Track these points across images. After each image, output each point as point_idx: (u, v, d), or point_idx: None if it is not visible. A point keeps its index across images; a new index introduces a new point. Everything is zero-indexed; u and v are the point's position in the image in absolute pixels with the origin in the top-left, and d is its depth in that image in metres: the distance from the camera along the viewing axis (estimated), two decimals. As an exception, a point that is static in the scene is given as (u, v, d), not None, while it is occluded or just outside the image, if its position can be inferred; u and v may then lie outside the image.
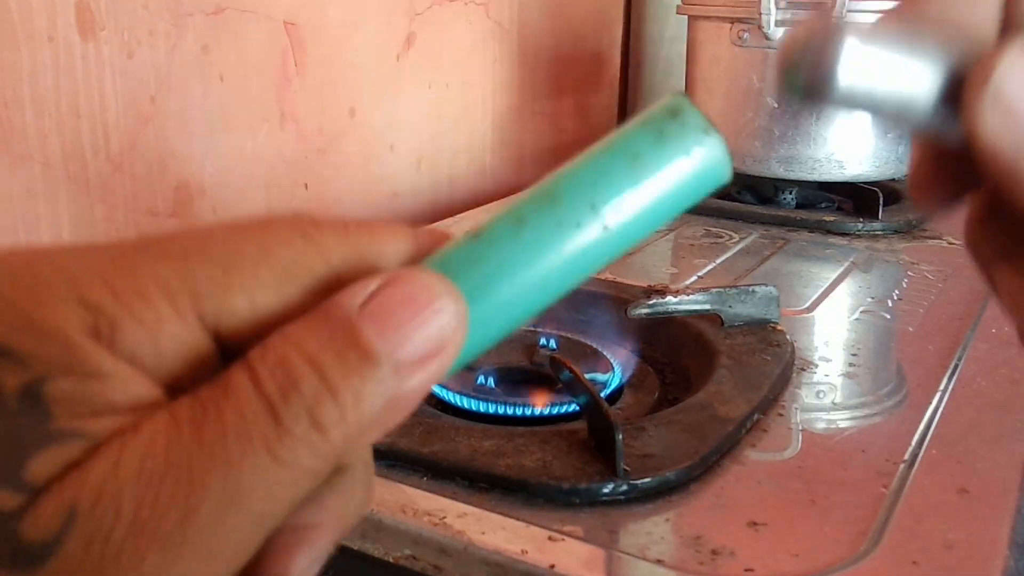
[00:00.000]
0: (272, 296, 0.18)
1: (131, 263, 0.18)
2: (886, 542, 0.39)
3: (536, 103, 1.17)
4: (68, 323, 0.17)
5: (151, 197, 0.69)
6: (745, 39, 0.90)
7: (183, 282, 0.18)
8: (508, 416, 0.49)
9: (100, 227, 0.66)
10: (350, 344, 0.17)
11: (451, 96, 1.01)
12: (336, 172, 0.86)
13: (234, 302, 0.18)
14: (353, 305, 0.18)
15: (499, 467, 0.42)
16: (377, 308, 0.18)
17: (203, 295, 0.18)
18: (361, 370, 0.17)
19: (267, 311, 0.18)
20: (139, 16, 0.65)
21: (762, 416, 0.50)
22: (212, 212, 0.74)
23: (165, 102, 0.68)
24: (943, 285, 0.74)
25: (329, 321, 0.18)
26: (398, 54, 0.91)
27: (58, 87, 0.61)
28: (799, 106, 0.21)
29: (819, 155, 0.90)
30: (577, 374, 0.46)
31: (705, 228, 0.88)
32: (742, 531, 0.40)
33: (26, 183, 0.60)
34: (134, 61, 0.66)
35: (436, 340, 0.18)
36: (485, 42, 1.05)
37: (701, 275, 0.74)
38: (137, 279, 0.18)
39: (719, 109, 0.95)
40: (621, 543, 0.39)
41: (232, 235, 0.19)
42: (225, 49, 0.73)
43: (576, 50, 1.23)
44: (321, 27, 0.81)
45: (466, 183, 1.06)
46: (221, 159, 0.74)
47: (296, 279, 0.19)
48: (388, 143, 0.92)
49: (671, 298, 0.58)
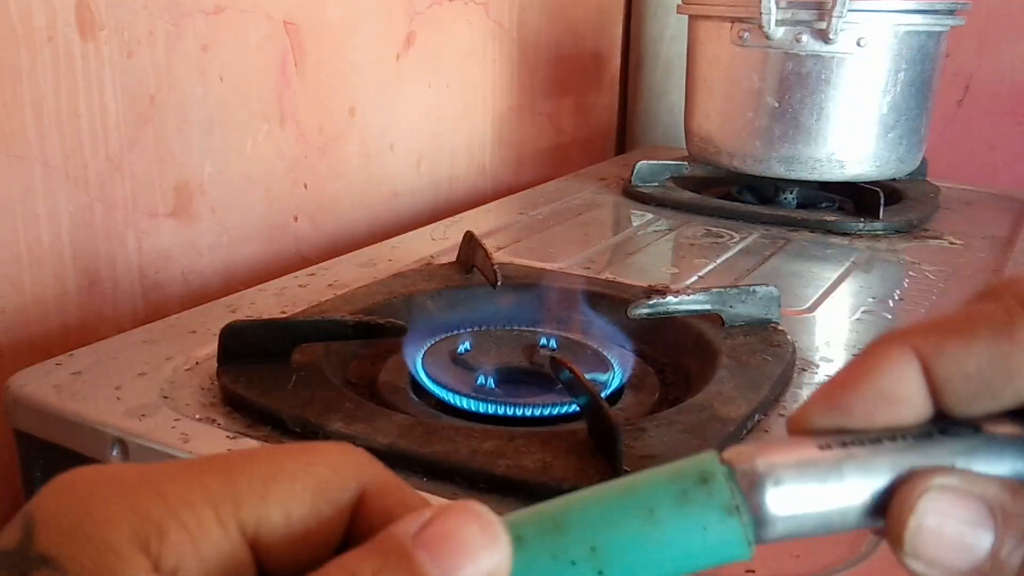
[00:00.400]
0: (307, 509, 0.20)
1: (180, 475, 0.19)
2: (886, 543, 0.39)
3: (536, 103, 1.16)
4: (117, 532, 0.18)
5: (151, 197, 0.69)
6: (745, 39, 0.90)
7: (226, 490, 0.19)
8: (508, 416, 0.49)
9: (100, 227, 0.66)
10: (404, 569, 0.18)
11: (451, 96, 1.01)
12: (336, 172, 0.86)
13: (271, 513, 0.19)
14: (408, 533, 0.19)
15: (499, 468, 0.42)
16: (431, 537, 0.18)
17: (244, 504, 0.19)
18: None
19: (302, 525, 0.20)
20: (139, 16, 0.65)
21: (763, 417, 0.50)
22: (212, 212, 0.74)
23: (165, 102, 0.68)
24: (944, 285, 0.74)
25: (385, 548, 0.19)
26: (398, 54, 0.91)
27: (58, 87, 0.61)
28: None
29: (820, 155, 0.90)
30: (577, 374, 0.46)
31: (705, 228, 0.88)
32: (742, 532, 0.40)
33: (26, 183, 0.60)
34: (134, 61, 0.66)
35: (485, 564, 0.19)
36: (485, 42, 1.05)
37: (701, 275, 0.74)
38: (185, 487, 0.19)
39: (719, 109, 0.95)
40: (621, 544, 0.39)
41: (276, 452, 0.20)
42: (225, 49, 0.72)
43: (576, 50, 1.23)
44: (321, 27, 0.81)
45: (466, 183, 1.06)
46: (221, 159, 0.74)
47: (331, 496, 0.20)
48: (388, 143, 0.92)
49: (671, 298, 0.58)
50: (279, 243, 0.81)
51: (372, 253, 0.77)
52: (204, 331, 0.58)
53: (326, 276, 0.70)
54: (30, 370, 0.52)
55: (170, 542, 0.18)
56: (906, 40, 0.87)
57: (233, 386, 0.49)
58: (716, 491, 0.20)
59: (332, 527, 0.20)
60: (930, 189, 1.01)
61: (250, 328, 0.51)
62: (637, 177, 0.99)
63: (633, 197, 0.98)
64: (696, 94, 0.99)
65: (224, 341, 0.51)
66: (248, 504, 0.19)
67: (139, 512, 0.18)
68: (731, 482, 0.20)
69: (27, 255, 0.61)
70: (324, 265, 0.73)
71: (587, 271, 0.73)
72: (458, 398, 0.50)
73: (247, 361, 0.50)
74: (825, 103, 0.88)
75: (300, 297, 0.65)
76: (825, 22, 0.84)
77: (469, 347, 0.56)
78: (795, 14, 0.86)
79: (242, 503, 0.19)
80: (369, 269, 0.72)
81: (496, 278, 0.61)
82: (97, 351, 0.55)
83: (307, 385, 0.49)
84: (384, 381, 0.53)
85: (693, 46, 0.99)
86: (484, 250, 0.64)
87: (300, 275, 0.71)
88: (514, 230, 0.85)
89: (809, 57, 0.87)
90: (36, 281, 0.62)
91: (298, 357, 0.51)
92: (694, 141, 1.00)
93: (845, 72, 0.87)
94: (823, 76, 0.87)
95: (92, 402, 0.49)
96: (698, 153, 1.00)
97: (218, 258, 0.76)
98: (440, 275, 0.67)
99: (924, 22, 0.87)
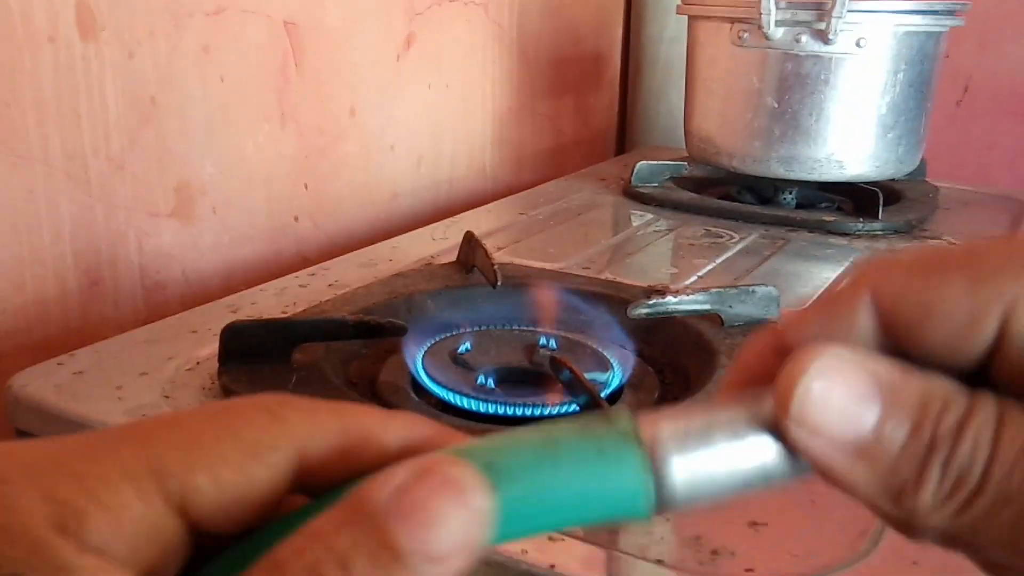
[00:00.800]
0: (236, 474, 0.19)
1: (95, 451, 0.19)
2: (886, 542, 0.39)
3: (536, 103, 1.17)
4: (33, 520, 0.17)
5: (151, 197, 0.69)
6: (745, 39, 0.90)
7: (146, 464, 0.18)
8: (508, 416, 0.49)
9: (100, 227, 0.66)
10: (381, 544, 0.17)
11: (451, 96, 1.01)
12: (336, 172, 0.86)
13: (198, 481, 0.19)
14: (381, 500, 0.18)
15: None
16: (408, 505, 0.18)
17: (166, 475, 0.18)
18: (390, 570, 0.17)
19: (233, 489, 0.19)
20: (139, 16, 0.65)
21: (762, 416, 0.50)
22: (212, 212, 0.74)
23: (165, 102, 0.69)
24: (943, 285, 0.74)
25: (358, 518, 0.18)
26: (398, 54, 0.91)
27: (58, 87, 0.61)
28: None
29: (819, 155, 0.90)
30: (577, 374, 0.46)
31: (705, 228, 0.88)
32: (742, 531, 0.40)
33: (26, 183, 0.60)
34: (134, 61, 0.66)
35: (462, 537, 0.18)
36: (485, 42, 1.05)
37: (701, 275, 0.74)
38: (100, 466, 0.18)
39: (719, 109, 0.95)
40: (621, 543, 0.39)
41: (196, 417, 0.20)
42: (225, 49, 0.73)
43: (576, 50, 1.23)
44: (321, 27, 0.81)
45: (466, 183, 1.06)
46: (221, 159, 0.74)
47: (260, 457, 0.19)
48: (388, 143, 0.92)
49: (671, 298, 0.58)
50: (280, 243, 0.82)
51: (372, 253, 0.77)
52: (205, 331, 0.58)
53: (327, 276, 0.70)
54: (31, 370, 0.52)
55: (91, 524, 0.18)
56: (905, 40, 0.87)
57: (234, 386, 0.49)
58: (617, 420, 0.20)
59: (268, 488, 0.19)
60: (929, 189, 1.01)
61: (251, 328, 0.52)
62: (637, 177, 0.99)
63: (633, 197, 0.98)
64: (695, 95, 0.99)
65: (225, 341, 0.51)
66: (171, 475, 0.18)
67: (55, 498, 0.18)
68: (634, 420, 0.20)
69: (28, 255, 0.61)
70: (325, 265, 0.73)
71: (587, 271, 0.73)
72: (458, 398, 0.50)
73: (248, 361, 0.51)
74: (824, 103, 0.88)
75: (301, 297, 0.65)
76: (824, 23, 0.84)
77: (469, 347, 0.56)
78: (795, 14, 0.86)
79: (165, 475, 0.18)
80: (369, 269, 0.72)
81: (496, 278, 0.62)
82: (98, 351, 0.55)
83: (308, 385, 0.49)
84: (384, 381, 0.53)
85: (692, 47, 0.99)
86: (484, 250, 0.64)
87: (301, 275, 0.71)
88: (514, 230, 0.85)
89: (808, 58, 0.87)
90: (37, 281, 0.62)
91: (299, 357, 0.52)
92: (693, 141, 1.00)
93: (844, 73, 0.87)
94: (822, 77, 0.87)
95: (93, 402, 0.49)
96: (698, 153, 1.00)
97: (219, 258, 0.76)
98: (440, 275, 0.67)
99: (923, 22, 0.87)
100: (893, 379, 0.19)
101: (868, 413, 0.19)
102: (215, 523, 0.19)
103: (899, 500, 0.19)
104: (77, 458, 0.19)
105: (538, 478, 0.19)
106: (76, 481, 0.18)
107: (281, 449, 0.19)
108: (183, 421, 0.20)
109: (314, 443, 0.20)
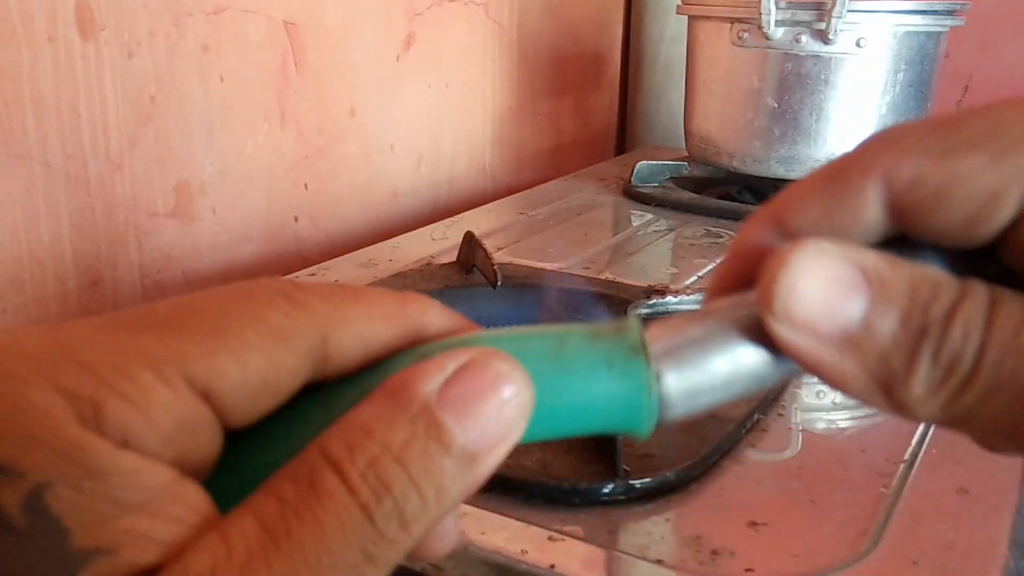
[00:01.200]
0: (262, 359, 0.18)
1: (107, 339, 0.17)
2: (886, 542, 0.39)
3: (536, 103, 1.17)
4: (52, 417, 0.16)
5: (151, 197, 0.69)
6: (745, 39, 0.90)
7: (166, 349, 0.17)
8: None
9: (101, 227, 0.66)
10: (434, 437, 0.17)
11: (451, 96, 1.01)
12: (336, 172, 0.86)
13: (223, 365, 0.17)
14: (431, 392, 0.18)
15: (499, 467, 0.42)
16: (456, 397, 0.18)
17: (189, 359, 0.17)
18: (443, 465, 0.17)
19: (259, 375, 0.18)
20: (139, 16, 0.65)
21: (762, 416, 0.50)
22: (212, 212, 0.74)
23: (165, 102, 0.69)
24: (943, 285, 0.74)
25: (410, 411, 0.17)
26: (398, 54, 0.91)
27: (58, 87, 0.61)
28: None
29: (819, 155, 0.90)
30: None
31: (705, 228, 0.88)
32: (742, 531, 0.40)
33: (26, 183, 0.60)
34: (134, 61, 0.66)
35: (507, 427, 0.18)
36: (485, 42, 1.05)
37: (701, 275, 0.74)
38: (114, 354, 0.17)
39: (719, 109, 0.95)
40: (621, 543, 0.39)
41: (215, 301, 0.18)
42: (225, 49, 0.73)
43: (576, 50, 1.23)
44: (321, 27, 0.81)
45: (466, 183, 1.06)
46: (221, 159, 0.74)
47: (286, 340, 0.18)
48: (388, 143, 0.92)
49: (671, 298, 0.58)
50: (279, 243, 0.81)
51: (372, 253, 0.77)
52: (204, 331, 0.58)
53: (326, 276, 0.70)
54: (31, 370, 0.52)
55: (108, 416, 0.16)
56: (905, 40, 0.87)
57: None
58: (627, 331, 0.20)
59: (293, 374, 0.18)
60: (929, 189, 1.01)
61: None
62: (637, 177, 0.99)
63: (633, 197, 0.98)
64: (696, 95, 0.99)
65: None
66: (195, 358, 0.17)
67: (66, 392, 0.16)
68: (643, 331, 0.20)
69: (28, 255, 0.61)
70: (324, 265, 0.73)
71: (587, 271, 0.73)
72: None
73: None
74: (824, 103, 0.88)
75: (300, 297, 0.65)
76: (824, 23, 0.84)
77: (469, 347, 0.56)
78: (795, 14, 0.86)
79: (188, 359, 0.17)
80: (369, 269, 0.72)
81: (496, 278, 0.62)
82: (98, 351, 0.55)
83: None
84: (384, 381, 0.53)
85: (693, 46, 0.99)
86: (484, 250, 0.64)
87: (300, 275, 0.71)
88: (514, 230, 0.85)
89: (808, 57, 0.87)
90: (37, 281, 0.62)
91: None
92: (694, 141, 1.00)
93: (844, 72, 0.87)
94: (822, 76, 0.87)
95: (93, 402, 0.49)
96: (698, 153, 1.00)
97: (219, 258, 0.76)
98: (440, 275, 0.67)
99: (923, 22, 0.87)
100: (880, 268, 0.18)
101: (854, 304, 0.18)
102: (240, 413, 0.18)
103: (890, 391, 0.18)
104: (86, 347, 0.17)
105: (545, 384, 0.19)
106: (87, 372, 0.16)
107: (306, 335, 0.19)
108: (202, 304, 0.18)
109: (338, 330, 0.19)
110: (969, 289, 0.18)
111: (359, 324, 0.19)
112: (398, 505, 0.17)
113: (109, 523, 0.16)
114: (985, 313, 0.17)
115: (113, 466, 0.16)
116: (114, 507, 0.16)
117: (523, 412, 0.18)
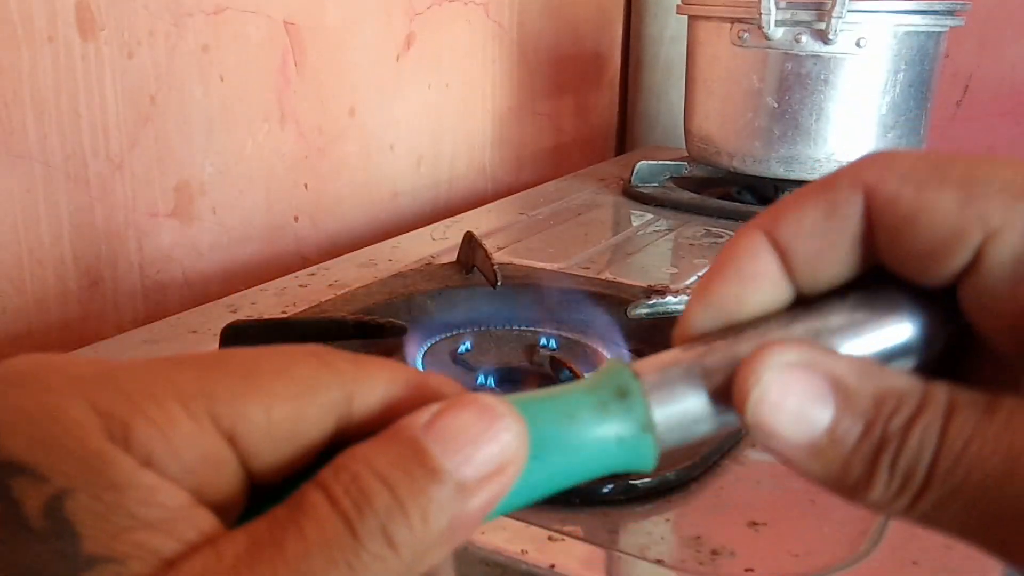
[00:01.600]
0: (288, 410, 0.19)
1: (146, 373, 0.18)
2: (886, 542, 0.39)
3: (536, 103, 1.17)
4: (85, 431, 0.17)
5: (151, 197, 0.69)
6: (745, 39, 0.90)
7: (197, 387, 0.18)
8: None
9: (101, 227, 0.66)
10: (418, 462, 0.18)
11: (451, 96, 1.01)
12: (336, 172, 0.86)
13: (249, 410, 0.18)
14: (419, 425, 0.18)
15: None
16: (442, 428, 0.18)
17: (217, 400, 0.18)
18: (427, 488, 0.18)
19: (283, 425, 0.19)
20: (139, 16, 0.65)
21: (762, 416, 0.50)
22: (212, 212, 0.74)
23: (165, 102, 0.69)
24: (943, 285, 0.74)
25: (397, 440, 0.18)
26: (398, 54, 0.91)
27: (58, 87, 0.61)
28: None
29: (819, 155, 0.90)
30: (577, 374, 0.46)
31: (705, 228, 0.88)
32: (742, 531, 0.40)
33: (26, 183, 0.60)
34: (134, 61, 0.66)
35: (498, 459, 0.19)
36: (485, 42, 1.05)
37: (701, 275, 0.74)
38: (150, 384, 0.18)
39: (719, 109, 0.95)
40: (621, 543, 0.39)
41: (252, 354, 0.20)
42: (225, 49, 0.73)
43: (576, 50, 1.23)
44: (321, 27, 0.81)
45: (466, 183, 1.06)
46: (221, 159, 0.74)
47: (312, 395, 0.19)
48: (388, 143, 0.92)
49: (671, 298, 0.58)
50: (279, 243, 0.81)
51: (372, 253, 0.77)
52: (205, 331, 0.58)
53: (326, 276, 0.70)
54: (31, 370, 0.52)
55: (135, 437, 0.17)
56: (905, 40, 0.87)
57: (234, 386, 0.49)
58: (634, 407, 0.20)
59: (318, 428, 0.19)
60: (929, 189, 1.01)
61: (251, 328, 0.52)
62: (637, 177, 0.99)
63: (633, 197, 0.98)
64: (696, 94, 0.99)
65: (225, 341, 0.51)
66: (222, 399, 0.18)
67: (100, 410, 0.17)
68: (645, 399, 0.20)
69: (28, 255, 0.61)
70: (324, 265, 0.73)
71: (587, 271, 0.73)
72: (458, 398, 0.50)
73: (248, 361, 0.50)
74: (824, 103, 0.88)
75: (300, 297, 0.65)
76: (824, 23, 0.84)
77: (469, 347, 0.56)
78: (795, 14, 0.86)
79: (216, 398, 0.18)
80: (369, 269, 0.72)
81: (496, 278, 0.62)
82: (98, 351, 0.55)
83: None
84: (384, 381, 0.53)
85: (693, 46, 0.99)
86: (484, 250, 0.64)
87: (300, 275, 0.71)
88: (514, 230, 0.85)
89: (808, 57, 0.87)
90: (37, 281, 0.62)
91: (298, 357, 0.51)
92: (694, 141, 1.00)
93: (844, 72, 0.87)
94: (822, 76, 0.87)
95: (93, 402, 0.49)
96: (698, 153, 1.00)
97: (218, 258, 0.76)
98: (440, 275, 0.67)
99: (923, 22, 0.87)
100: (847, 379, 0.19)
101: (822, 415, 0.19)
102: (263, 459, 0.19)
103: (852, 493, 0.19)
104: (125, 376, 0.18)
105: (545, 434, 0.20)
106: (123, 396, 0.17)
107: (332, 390, 0.19)
108: (235, 356, 0.19)
109: (362, 390, 0.20)
110: (929, 398, 0.19)
111: (384, 387, 0.20)
112: (380, 520, 0.17)
113: (122, 534, 0.17)
114: (941, 422, 0.18)
115: (133, 481, 0.17)
116: (129, 519, 0.17)
117: (513, 443, 0.19)
